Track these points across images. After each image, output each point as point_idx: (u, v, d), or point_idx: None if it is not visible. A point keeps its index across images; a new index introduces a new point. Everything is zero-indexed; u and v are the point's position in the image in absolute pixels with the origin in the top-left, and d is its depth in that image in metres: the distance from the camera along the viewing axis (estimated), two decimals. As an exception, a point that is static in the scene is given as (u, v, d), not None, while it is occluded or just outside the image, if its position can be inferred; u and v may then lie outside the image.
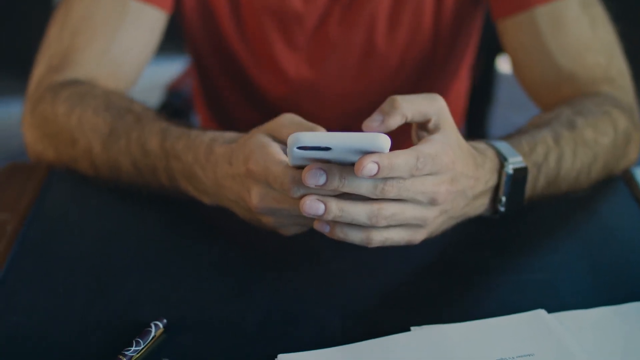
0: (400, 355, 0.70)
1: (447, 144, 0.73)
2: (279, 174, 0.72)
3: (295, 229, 0.79)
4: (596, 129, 0.90)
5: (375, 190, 0.69)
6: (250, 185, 0.76)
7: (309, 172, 0.69)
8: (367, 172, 0.67)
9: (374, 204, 0.71)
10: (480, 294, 0.79)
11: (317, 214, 0.70)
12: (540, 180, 0.85)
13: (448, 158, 0.72)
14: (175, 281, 0.79)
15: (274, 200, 0.75)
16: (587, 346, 0.71)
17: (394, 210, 0.71)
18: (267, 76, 1.14)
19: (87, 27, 1.00)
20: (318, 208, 0.70)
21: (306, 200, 0.70)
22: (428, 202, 0.72)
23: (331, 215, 0.70)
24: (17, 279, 0.79)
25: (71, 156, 0.94)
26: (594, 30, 1.00)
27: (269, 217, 0.77)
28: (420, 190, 0.71)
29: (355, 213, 0.70)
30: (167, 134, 0.87)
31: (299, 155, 0.69)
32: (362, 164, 0.67)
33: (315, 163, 0.70)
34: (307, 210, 0.70)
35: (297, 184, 0.71)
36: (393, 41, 1.10)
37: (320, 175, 0.69)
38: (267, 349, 0.71)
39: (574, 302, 0.76)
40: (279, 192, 0.74)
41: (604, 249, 0.84)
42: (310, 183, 0.69)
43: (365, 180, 0.69)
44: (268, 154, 0.74)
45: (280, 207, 0.75)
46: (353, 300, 0.77)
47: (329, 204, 0.70)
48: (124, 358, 0.69)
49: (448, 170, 0.72)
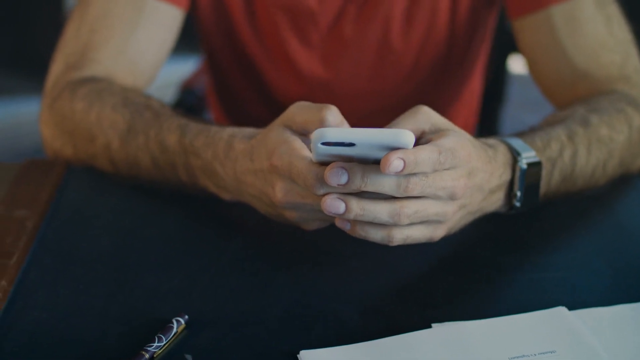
0: (421, 351, 0.70)
1: (462, 137, 0.73)
2: (303, 170, 0.72)
3: (318, 224, 0.79)
4: (611, 127, 0.90)
5: (399, 189, 0.70)
6: (274, 180, 0.76)
7: (330, 171, 0.69)
8: (394, 168, 0.67)
9: (396, 202, 0.71)
10: (500, 291, 0.79)
11: (338, 213, 0.71)
12: (554, 176, 0.86)
13: (465, 152, 0.73)
14: (195, 277, 0.80)
15: (298, 195, 0.75)
16: (608, 343, 0.71)
17: (416, 208, 0.71)
18: (281, 74, 1.14)
19: (105, 25, 1.00)
20: (339, 207, 0.70)
21: (327, 198, 0.70)
22: (448, 197, 0.72)
23: (352, 214, 0.70)
24: (38, 275, 0.79)
25: (90, 153, 0.94)
26: (609, 28, 1.00)
27: (292, 212, 0.77)
28: (441, 186, 0.71)
29: (377, 212, 0.71)
30: (185, 130, 0.87)
31: (323, 151, 0.69)
32: (389, 161, 0.67)
33: (337, 162, 0.70)
34: (328, 209, 0.71)
35: (320, 181, 0.71)
36: (408, 40, 1.10)
37: (342, 175, 0.69)
38: (288, 345, 0.71)
39: (593, 299, 0.76)
40: (302, 187, 0.74)
41: (622, 248, 0.84)
42: (332, 182, 0.69)
43: (388, 179, 0.69)
44: (292, 149, 0.74)
45: (304, 202, 0.75)
46: (373, 298, 0.77)
47: (350, 203, 0.70)
48: (147, 354, 0.69)
49: (465, 163, 0.73)
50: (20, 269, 0.79)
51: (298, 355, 0.70)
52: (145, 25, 1.01)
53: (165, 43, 1.04)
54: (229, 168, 0.82)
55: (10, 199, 0.89)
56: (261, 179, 0.78)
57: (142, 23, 1.01)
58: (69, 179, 0.94)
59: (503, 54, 1.67)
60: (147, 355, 0.69)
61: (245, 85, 1.19)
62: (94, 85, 0.96)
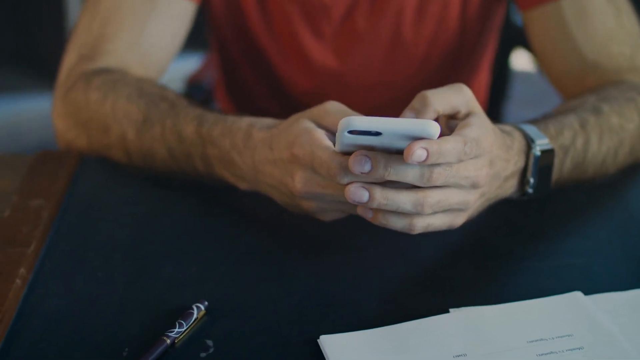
0: (440, 336, 0.70)
1: (486, 127, 0.74)
2: (326, 159, 0.73)
3: (335, 215, 0.80)
4: (621, 115, 0.91)
5: (422, 179, 0.70)
6: (294, 170, 0.76)
7: (354, 159, 0.70)
8: (417, 158, 0.68)
9: (419, 192, 0.71)
10: (515, 277, 0.80)
11: (362, 201, 0.71)
12: (567, 164, 0.86)
13: (488, 142, 0.73)
14: (211, 266, 0.80)
15: (317, 185, 0.75)
16: (624, 327, 0.72)
17: (439, 197, 0.72)
18: (292, 67, 1.15)
19: (117, 17, 1.00)
20: (362, 195, 0.71)
21: (351, 187, 0.71)
22: (470, 186, 0.73)
23: (375, 203, 0.71)
24: (56, 264, 0.80)
25: (104, 143, 0.94)
26: (619, 20, 1.01)
27: (310, 202, 0.78)
28: (464, 175, 0.72)
29: (400, 201, 0.71)
30: (202, 120, 0.87)
31: (348, 140, 0.70)
32: (412, 150, 0.67)
33: (360, 150, 0.70)
34: (352, 197, 0.71)
35: (343, 170, 0.72)
36: (420, 32, 1.10)
37: (366, 162, 0.69)
38: (308, 330, 0.72)
39: (608, 285, 0.77)
40: (323, 177, 0.75)
41: (634, 234, 0.85)
42: (355, 170, 0.70)
43: (411, 169, 0.70)
44: (314, 139, 0.75)
45: (324, 192, 0.75)
46: (390, 285, 0.78)
47: (374, 192, 0.71)
48: (168, 339, 0.70)
49: (488, 153, 0.74)
50: (38, 257, 0.80)
51: (318, 340, 0.70)
52: (157, 18, 1.01)
53: (177, 35, 1.04)
54: (248, 157, 0.82)
55: (26, 190, 0.89)
56: (281, 168, 0.78)
57: (154, 15, 1.01)
58: (82, 170, 0.94)
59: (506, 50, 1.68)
60: (168, 340, 0.70)
61: (255, 79, 1.20)
62: (108, 76, 0.96)
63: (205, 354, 0.70)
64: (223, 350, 0.70)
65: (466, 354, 0.68)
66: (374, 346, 0.69)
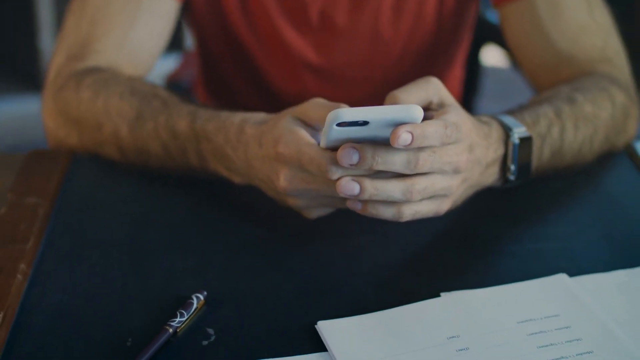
0: (433, 319, 0.73)
1: (463, 114, 0.77)
2: (314, 156, 0.75)
3: (320, 212, 0.82)
4: (595, 104, 0.95)
5: (410, 165, 0.73)
6: (278, 168, 0.79)
7: (343, 151, 0.72)
8: (403, 141, 0.70)
9: (407, 180, 0.74)
10: (500, 261, 0.83)
11: (353, 194, 0.74)
12: (544, 151, 0.90)
13: (466, 126, 0.76)
14: (208, 258, 0.82)
15: (302, 181, 0.78)
16: (607, 307, 0.75)
17: (425, 184, 0.75)
18: (274, 63, 1.17)
19: (105, 17, 1.02)
20: (353, 188, 0.74)
21: (342, 181, 0.74)
22: (452, 171, 0.76)
23: (367, 194, 0.74)
24: (54, 259, 0.82)
25: (96, 141, 0.96)
26: (591, 13, 1.04)
27: (296, 199, 0.80)
28: (447, 161, 0.75)
29: (390, 190, 0.74)
30: (196, 116, 0.89)
31: (335, 134, 0.72)
32: (398, 134, 0.70)
33: (348, 143, 0.73)
34: (343, 191, 0.74)
35: (333, 165, 0.74)
36: (398, 29, 1.13)
37: (354, 154, 0.72)
38: (306, 317, 0.74)
39: (590, 267, 0.80)
40: (307, 174, 0.77)
41: (613, 218, 0.88)
42: (344, 162, 0.72)
43: (398, 156, 0.73)
44: (299, 137, 0.77)
45: (309, 187, 0.78)
46: (382, 271, 0.81)
47: (364, 184, 0.73)
48: (170, 329, 0.72)
49: (467, 138, 0.77)
50: (37, 253, 0.82)
51: (316, 326, 0.73)
52: (144, 17, 1.03)
53: (162, 34, 1.06)
54: (241, 152, 0.85)
55: (20, 188, 0.90)
56: (267, 165, 0.81)
57: (140, 15, 1.03)
58: (75, 167, 0.95)
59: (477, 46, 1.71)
60: (170, 330, 0.72)
61: (237, 76, 1.22)
62: (100, 74, 0.98)
63: (207, 341, 0.72)
64: (224, 338, 0.72)
65: (459, 335, 0.71)
66: (371, 330, 0.72)
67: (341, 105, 0.79)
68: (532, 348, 0.70)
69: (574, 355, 0.69)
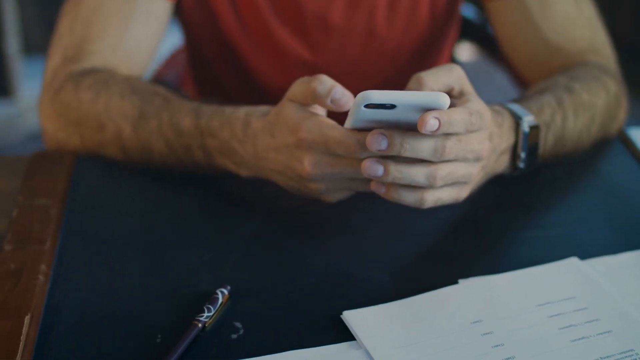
0: (454, 305, 0.75)
1: (483, 103, 0.80)
2: (342, 138, 0.77)
3: (341, 194, 0.84)
4: (591, 92, 0.98)
5: (436, 153, 0.75)
6: (301, 154, 0.80)
7: (371, 137, 0.74)
8: (430, 127, 0.72)
9: (431, 165, 0.76)
10: (511, 247, 0.85)
11: (377, 175, 0.76)
12: (549, 139, 0.92)
13: (488, 116, 0.79)
14: (224, 253, 0.83)
15: (327, 165, 0.79)
16: (618, 287, 0.78)
17: (449, 170, 0.77)
18: (267, 61, 1.18)
19: (99, 18, 1.02)
20: (378, 169, 0.75)
21: (367, 161, 0.75)
22: (474, 159, 0.78)
23: (390, 177, 0.75)
24: (72, 259, 0.82)
25: (98, 141, 0.96)
26: (578, 5, 1.08)
27: (319, 184, 0.81)
28: (471, 149, 0.77)
29: (413, 174, 0.76)
30: (199, 112, 0.90)
31: (363, 115, 0.74)
32: (426, 120, 0.72)
33: (377, 129, 0.74)
34: (368, 171, 0.75)
35: (361, 147, 0.76)
36: (392, 26, 1.15)
37: (383, 140, 0.74)
38: (328, 308, 0.76)
39: (597, 250, 0.83)
40: (332, 157, 0.79)
41: (614, 203, 0.91)
42: (373, 147, 0.74)
43: (425, 144, 0.74)
44: (320, 122, 0.79)
45: (333, 170, 0.79)
46: (398, 260, 0.82)
47: (388, 166, 0.75)
48: (199, 324, 0.73)
49: (488, 127, 0.79)
50: (55, 254, 0.82)
51: (341, 316, 0.74)
52: (138, 18, 1.04)
53: (157, 34, 1.06)
54: (249, 145, 0.86)
55: (29, 189, 0.90)
56: (285, 154, 0.82)
57: (135, 15, 1.03)
58: (80, 167, 0.95)
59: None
60: (199, 325, 0.73)
61: (228, 75, 1.22)
62: (98, 75, 0.98)
63: (236, 335, 0.73)
64: (252, 331, 0.73)
65: (482, 320, 0.73)
66: (395, 318, 0.74)
67: (322, 76, 0.80)
68: (554, 330, 0.72)
69: (594, 335, 0.72)
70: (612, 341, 0.71)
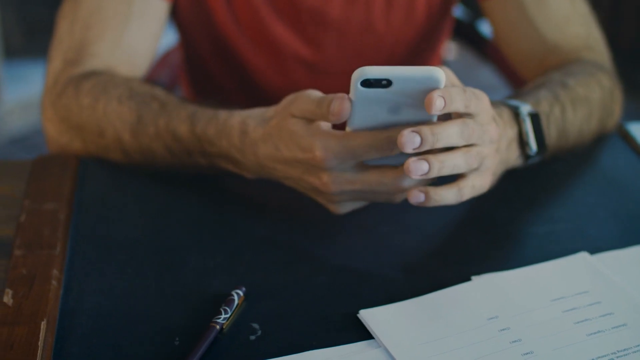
0: (469, 301, 0.76)
1: None
2: (366, 140, 0.77)
3: (354, 206, 0.84)
4: (586, 87, 0.99)
5: (463, 134, 0.76)
6: (319, 172, 0.80)
7: (403, 137, 0.74)
8: (439, 105, 0.73)
9: (461, 149, 0.77)
10: (521, 243, 0.86)
11: (424, 172, 0.75)
12: (551, 130, 0.93)
13: (485, 98, 0.79)
14: (235, 254, 0.83)
15: (347, 182, 0.80)
16: (629, 280, 0.79)
17: (477, 149, 0.78)
18: (263, 58, 1.18)
19: (98, 20, 1.02)
20: (422, 166, 0.75)
21: (410, 163, 0.75)
22: (489, 140, 0.79)
23: (435, 169, 0.75)
24: (84, 263, 0.81)
25: (100, 146, 0.96)
26: (572, 3, 1.09)
27: (336, 197, 0.82)
28: (486, 129, 0.78)
29: (453, 159, 0.76)
30: (194, 119, 0.90)
31: (361, 95, 0.74)
32: (432, 101, 0.73)
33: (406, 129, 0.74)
34: (414, 172, 0.74)
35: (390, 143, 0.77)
36: (389, 21, 1.15)
37: (415, 136, 0.74)
38: (344, 307, 0.76)
39: (604, 244, 0.84)
40: (351, 174, 0.79)
41: (618, 197, 0.92)
42: (407, 147, 0.74)
43: (452, 128, 0.75)
44: (335, 136, 0.79)
45: (354, 188, 0.80)
46: (410, 258, 0.83)
47: (429, 159, 0.75)
48: (217, 325, 0.73)
49: (489, 109, 0.80)
50: (66, 258, 0.81)
51: (358, 315, 0.75)
52: (136, 19, 1.03)
53: (156, 35, 1.06)
54: (249, 154, 0.85)
55: (35, 194, 0.90)
56: (299, 168, 0.82)
57: (133, 16, 1.03)
58: (85, 170, 0.95)
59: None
60: (217, 326, 0.73)
61: (225, 74, 1.22)
62: (97, 78, 0.98)
63: (255, 336, 0.73)
64: (270, 332, 0.73)
65: (498, 316, 0.74)
66: (412, 316, 0.74)
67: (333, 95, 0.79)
68: (570, 324, 0.73)
69: (610, 329, 0.73)
70: (628, 334, 0.72)
